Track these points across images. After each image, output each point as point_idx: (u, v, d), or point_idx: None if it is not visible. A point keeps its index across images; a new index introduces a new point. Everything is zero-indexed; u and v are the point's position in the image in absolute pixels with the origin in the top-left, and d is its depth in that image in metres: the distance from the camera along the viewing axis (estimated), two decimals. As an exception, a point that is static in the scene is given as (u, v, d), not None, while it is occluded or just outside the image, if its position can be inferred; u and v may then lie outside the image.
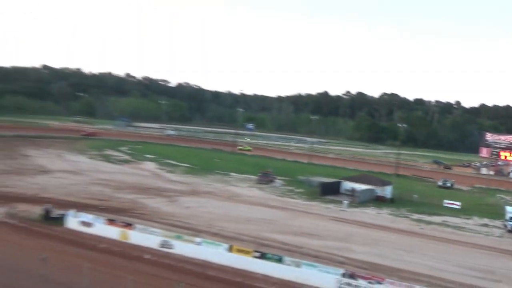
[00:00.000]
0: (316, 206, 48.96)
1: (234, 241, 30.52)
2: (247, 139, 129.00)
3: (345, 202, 49.27)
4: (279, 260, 26.09)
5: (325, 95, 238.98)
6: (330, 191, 54.60)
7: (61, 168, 57.00)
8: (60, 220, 32.50)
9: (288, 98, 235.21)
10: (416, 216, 48.10)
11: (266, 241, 32.71)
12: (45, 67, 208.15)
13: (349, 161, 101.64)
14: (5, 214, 33.61)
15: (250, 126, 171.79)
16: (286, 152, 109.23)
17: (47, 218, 32.80)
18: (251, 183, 59.57)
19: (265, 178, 60.21)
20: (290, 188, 58.95)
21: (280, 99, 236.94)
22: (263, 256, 26.54)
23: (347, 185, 55.99)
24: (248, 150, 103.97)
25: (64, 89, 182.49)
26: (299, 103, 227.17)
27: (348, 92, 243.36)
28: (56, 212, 33.57)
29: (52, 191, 43.08)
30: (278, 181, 62.11)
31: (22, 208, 35.45)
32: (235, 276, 25.48)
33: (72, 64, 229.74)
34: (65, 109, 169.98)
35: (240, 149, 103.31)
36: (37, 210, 34.24)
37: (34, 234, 30.00)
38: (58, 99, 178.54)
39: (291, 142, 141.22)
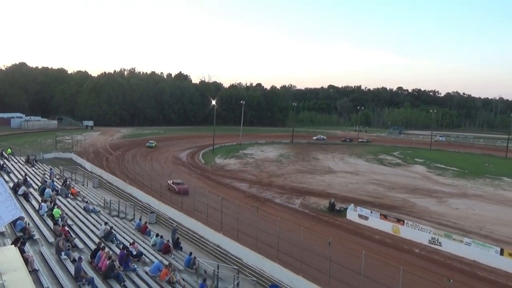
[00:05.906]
0: None
1: (506, 245, 26.07)
2: None
3: None
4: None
5: None
6: None
7: (343, 169, 60.27)
8: (342, 212, 34.72)
9: None
10: None
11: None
12: (331, 86, 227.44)
13: None
14: (300, 204, 38.24)
15: None
16: None
17: (332, 209, 35.52)
18: (526, 188, 49.52)
19: None
20: None
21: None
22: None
23: None
24: (155, 147, 78.02)
25: (346, 103, 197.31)
26: None
27: None
28: (339, 205, 35.99)
29: (335, 188, 46.17)
30: None
31: (313, 200, 39.49)
32: (508, 280, 21.70)
33: (352, 83, 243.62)
34: (347, 120, 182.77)
35: (148, 146, 77.02)
36: (324, 203, 37.57)
37: (321, 222, 33.00)
38: (341, 112, 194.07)
39: None
